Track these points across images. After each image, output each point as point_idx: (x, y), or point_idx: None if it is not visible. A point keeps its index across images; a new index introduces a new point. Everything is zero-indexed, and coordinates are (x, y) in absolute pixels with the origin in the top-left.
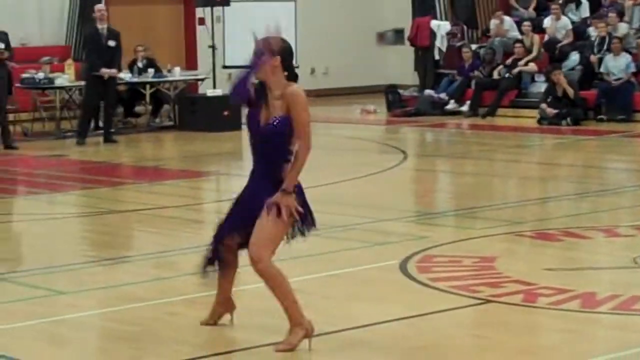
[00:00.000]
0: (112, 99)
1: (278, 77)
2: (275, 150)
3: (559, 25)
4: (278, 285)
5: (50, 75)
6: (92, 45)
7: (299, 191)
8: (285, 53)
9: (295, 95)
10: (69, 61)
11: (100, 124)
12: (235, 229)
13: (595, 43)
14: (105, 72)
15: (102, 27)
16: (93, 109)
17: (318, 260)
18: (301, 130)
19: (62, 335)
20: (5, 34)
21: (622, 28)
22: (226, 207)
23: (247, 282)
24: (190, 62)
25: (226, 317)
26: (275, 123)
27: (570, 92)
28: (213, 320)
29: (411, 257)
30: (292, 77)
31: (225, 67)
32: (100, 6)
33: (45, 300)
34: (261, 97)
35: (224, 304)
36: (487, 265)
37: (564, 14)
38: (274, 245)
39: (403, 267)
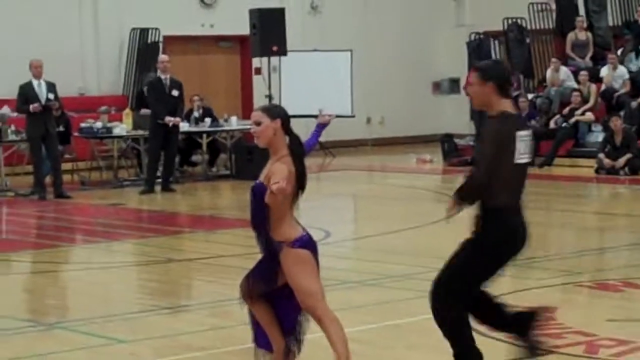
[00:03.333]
0: (174, 147)
1: (279, 139)
2: (255, 210)
3: (616, 74)
4: (334, 329)
5: (108, 125)
6: (156, 95)
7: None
8: (285, 116)
9: (273, 170)
10: (127, 110)
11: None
12: (257, 280)
13: None
14: (170, 120)
15: (165, 77)
16: (157, 158)
17: (377, 310)
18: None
19: None
20: (54, 85)
21: None
22: None
23: (308, 331)
24: (247, 112)
25: None
26: (257, 183)
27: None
28: None
29: None
30: (294, 139)
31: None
32: (164, 57)
33: (104, 348)
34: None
35: (283, 354)
36: (547, 316)
37: (621, 63)
38: (312, 289)
39: None
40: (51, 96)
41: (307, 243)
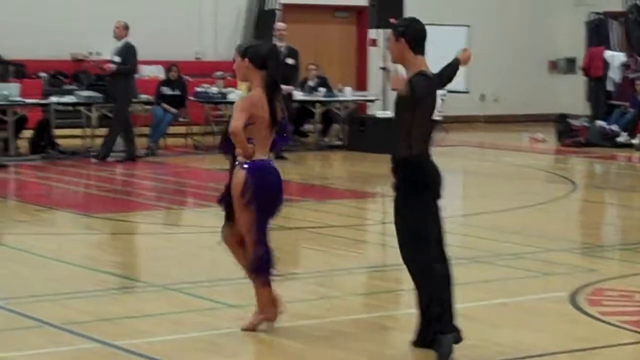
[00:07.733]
0: (287, 115)
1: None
2: None
3: None
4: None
5: (224, 90)
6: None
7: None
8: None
9: None
10: None
11: None
12: None
13: None
14: (283, 88)
15: (281, 45)
16: None
17: (485, 287)
18: None
19: (229, 348)
20: (128, 48)
21: None
22: (391, 228)
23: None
24: (361, 83)
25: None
26: None
27: None
28: (253, 326)
29: (581, 290)
30: None
31: (395, 89)
32: (281, 25)
33: (212, 312)
34: None
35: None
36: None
37: None
38: (252, 229)
39: (573, 299)
40: (116, 58)
41: None
